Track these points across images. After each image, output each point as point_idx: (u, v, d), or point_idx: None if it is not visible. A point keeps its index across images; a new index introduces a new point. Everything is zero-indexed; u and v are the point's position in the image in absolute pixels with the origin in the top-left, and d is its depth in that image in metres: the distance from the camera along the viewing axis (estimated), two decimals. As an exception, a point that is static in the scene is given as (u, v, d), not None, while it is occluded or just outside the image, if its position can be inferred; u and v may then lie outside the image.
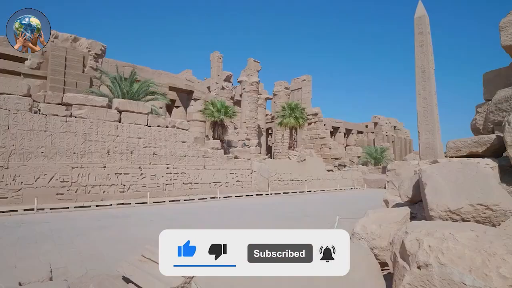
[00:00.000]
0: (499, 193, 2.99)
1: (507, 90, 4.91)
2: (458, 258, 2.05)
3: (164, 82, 27.46)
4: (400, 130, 59.73)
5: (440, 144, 11.06)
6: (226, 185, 21.40)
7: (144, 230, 9.21)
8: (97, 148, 15.53)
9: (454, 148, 5.16)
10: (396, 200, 4.93)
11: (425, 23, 11.77)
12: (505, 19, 5.25)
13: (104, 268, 5.17)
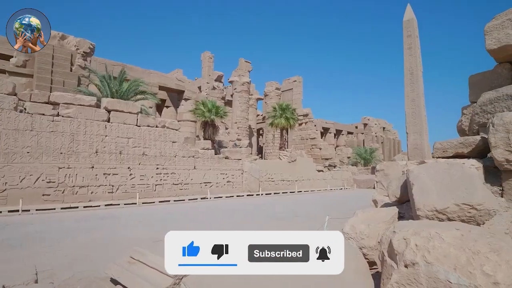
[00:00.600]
0: (483, 193, 3.06)
1: (492, 93, 5.04)
2: (444, 257, 2.09)
3: (154, 82, 27.19)
4: (389, 131, 60.62)
5: (428, 145, 11.28)
6: (216, 186, 21.32)
7: (133, 231, 9.10)
8: (85, 148, 15.26)
9: (441, 149, 5.27)
10: (384, 200, 5.00)
11: (413, 26, 11.99)
12: (490, 24, 5.39)
13: (92, 270, 5.08)
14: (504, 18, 5.17)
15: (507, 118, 3.93)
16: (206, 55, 39.40)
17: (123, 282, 2.87)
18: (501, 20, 5.20)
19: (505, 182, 4.13)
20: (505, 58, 5.34)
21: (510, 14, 5.12)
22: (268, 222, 11.04)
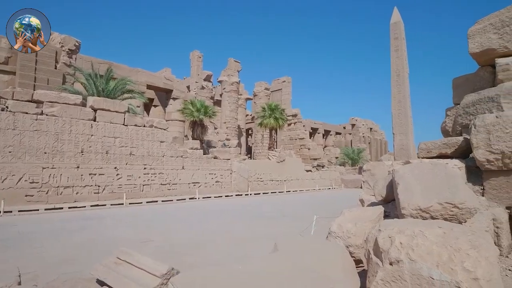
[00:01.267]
0: (465, 192, 3.16)
1: (474, 95, 5.20)
2: (427, 254, 2.15)
3: (142, 81, 26.83)
4: (376, 132, 61.61)
5: (413, 145, 11.52)
6: (205, 186, 21.21)
7: (120, 232, 8.96)
8: (70, 148, 14.93)
9: (425, 149, 5.40)
10: (371, 199, 5.08)
11: (400, 28, 12.23)
12: (473, 28, 5.55)
13: (78, 272, 4.98)
14: (486, 22, 5.34)
15: (488, 120, 4.06)
16: (195, 54, 39.12)
17: (110, 283, 2.83)
18: (483, 24, 5.37)
19: (486, 181, 4.26)
20: (487, 61, 5.51)
21: (492, 19, 5.29)
22: (257, 222, 11.05)
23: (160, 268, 2.68)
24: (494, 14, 5.28)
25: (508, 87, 4.61)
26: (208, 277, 2.08)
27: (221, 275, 2.11)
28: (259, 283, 1.98)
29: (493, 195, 4.18)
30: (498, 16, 5.18)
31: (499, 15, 5.18)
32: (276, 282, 2.01)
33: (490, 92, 4.85)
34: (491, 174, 4.19)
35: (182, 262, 5.66)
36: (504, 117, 3.93)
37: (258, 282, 2.00)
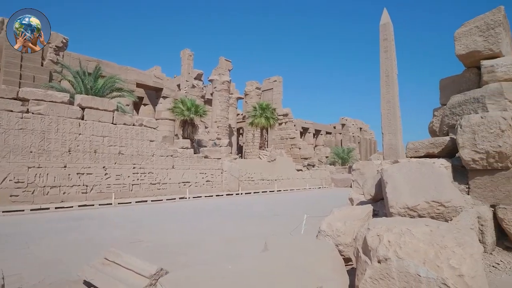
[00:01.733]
0: (451, 191, 3.22)
1: (460, 96, 5.31)
2: (414, 252, 2.18)
3: (131, 79, 26.49)
4: (366, 132, 62.35)
5: (402, 145, 11.70)
6: (195, 185, 21.08)
7: (108, 232, 8.83)
8: (57, 147, 14.63)
9: (413, 149, 5.49)
10: (360, 198, 5.14)
11: (389, 30, 12.39)
12: (459, 30, 5.67)
13: (64, 274, 4.88)
14: (472, 25, 5.45)
15: (474, 120, 4.16)
16: (186, 52, 38.79)
17: (97, 284, 2.78)
18: (469, 27, 5.48)
19: (471, 180, 4.36)
20: (473, 63, 5.63)
21: (477, 22, 5.41)
22: (247, 222, 11.05)
23: (149, 268, 2.65)
24: (480, 17, 5.40)
25: (493, 88, 4.73)
26: (197, 276, 2.06)
27: (210, 275, 2.10)
28: (249, 282, 1.98)
29: (478, 193, 4.29)
30: (483, 19, 5.30)
31: (484, 18, 5.30)
32: (265, 281, 2.01)
33: (476, 93, 4.96)
34: (476, 173, 4.29)
35: (172, 262, 5.62)
36: (489, 118, 4.03)
37: (248, 281, 1.99)
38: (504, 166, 4.00)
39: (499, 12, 5.21)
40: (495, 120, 3.95)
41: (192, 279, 2.04)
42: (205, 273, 2.12)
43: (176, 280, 2.01)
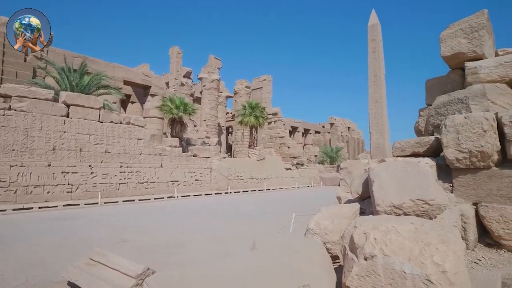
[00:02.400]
0: (435, 189, 3.30)
1: (445, 97, 5.42)
2: (399, 249, 2.22)
3: (119, 76, 26.04)
4: (354, 131, 63.15)
5: (389, 144, 11.91)
6: (184, 184, 20.92)
7: (94, 232, 8.68)
8: (40, 145, 14.26)
9: (399, 148, 5.58)
10: (348, 196, 5.20)
11: (377, 31, 12.56)
12: (445, 32, 5.79)
13: (48, 275, 4.76)
14: (457, 27, 5.58)
15: (457, 120, 4.26)
16: (175, 50, 38.39)
17: (81, 285, 2.73)
18: (454, 29, 5.61)
19: (455, 179, 4.47)
20: (457, 64, 5.76)
21: (462, 24, 5.53)
22: (236, 221, 11.04)
23: (135, 268, 2.61)
24: (464, 20, 5.52)
25: (476, 89, 4.85)
26: (184, 276, 2.05)
27: (198, 274, 2.08)
28: (236, 281, 1.98)
29: (461, 192, 4.39)
30: (468, 21, 5.43)
31: (469, 20, 5.43)
32: (253, 280, 2.01)
33: (460, 94, 5.07)
34: (460, 172, 4.39)
35: (159, 262, 5.56)
36: (472, 118, 4.13)
37: (235, 280, 1.99)
38: (486, 165, 4.11)
39: (482, 15, 5.34)
40: (478, 121, 4.06)
41: (179, 278, 2.02)
42: (192, 272, 2.10)
43: (163, 280, 1.99)
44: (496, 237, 4.04)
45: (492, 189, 4.09)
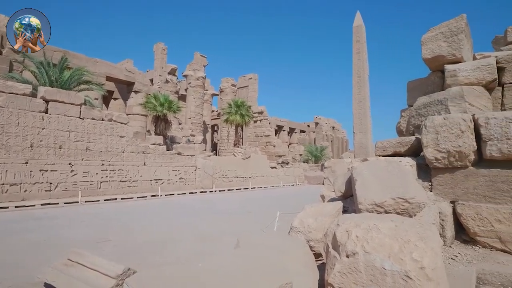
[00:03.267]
0: (415, 188, 3.38)
1: (426, 98, 5.57)
2: (380, 246, 2.27)
3: (101, 72, 25.36)
4: (338, 130, 64.11)
5: (372, 144, 12.14)
6: (168, 183, 20.65)
7: (74, 232, 8.43)
8: (17, 142, 13.71)
9: (382, 148, 5.70)
10: (331, 195, 5.27)
11: (362, 32, 12.77)
12: (426, 35, 5.94)
13: (24, 277, 4.59)
14: (438, 31, 5.74)
15: (437, 121, 4.38)
16: (159, 46, 37.74)
17: (59, 286, 2.64)
18: (435, 32, 5.76)
19: (434, 178, 4.61)
20: (438, 67, 5.93)
21: (442, 28, 5.69)
22: (221, 219, 10.99)
23: (115, 268, 2.55)
24: (445, 24, 5.69)
25: (455, 91, 5.01)
26: (166, 276, 2.01)
27: (179, 273, 2.05)
28: (218, 280, 1.96)
29: (439, 190, 4.53)
30: (448, 25, 5.59)
31: (449, 24, 5.59)
32: (235, 278, 2.00)
33: (439, 95, 5.23)
34: (439, 171, 4.53)
35: (141, 262, 5.47)
36: (450, 119, 4.27)
37: (217, 279, 1.97)
38: (463, 164, 4.26)
39: (461, 19, 5.52)
40: (456, 122, 4.20)
41: (160, 278, 1.99)
42: (174, 271, 2.07)
43: (144, 280, 1.95)
44: (472, 234, 4.20)
45: (469, 187, 4.24)
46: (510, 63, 5.09)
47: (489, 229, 4.03)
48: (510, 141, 3.86)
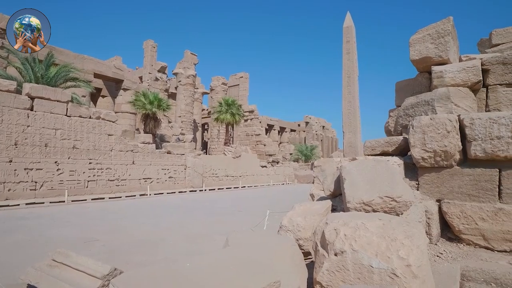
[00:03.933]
0: (402, 187, 3.43)
1: (413, 98, 5.66)
2: (368, 244, 2.29)
3: (89, 68, 24.89)
4: (328, 130, 64.63)
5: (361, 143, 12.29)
6: (157, 182, 20.44)
7: (59, 231, 8.26)
8: (1, 139, 13.34)
9: (370, 147, 5.76)
10: (320, 194, 5.30)
11: (351, 32, 12.89)
12: (414, 37, 6.04)
13: (5, 278, 4.47)
14: (425, 32, 5.83)
15: (424, 121, 4.46)
16: (149, 43, 37.27)
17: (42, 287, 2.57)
18: (423, 34, 5.86)
19: (421, 177, 4.69)
20: (425, 68, 6.03)
21: (429, 30, 5.79)
22: (211, 218, 10.94)
23: (101, 269, 2.50)
24: (432, 26, 5.79)
25: (441, 92, 5.10)
26: (153, 275, 1.98)
27: (167, 273, 2.03)
28: (206, 279, 1.95)
29: (426, 189, 4.62)
30: (435, 27, 5.69)
31: (436, 26, 5.69)
32: (223, 277, 1.99)
33: (427, 96, 5.32)
34: (425, 171, 4.61)
35: (128, 262, 5.39)
36: (437, 119, 4.34)
37: (205, 278, 1.96)
38: (448, 164, 4.34)
39: (448, 22, 5.63)
40: (442, 122, 4.28)
41: (148, 278, 1.96)
42: (162, 271, 2.04)
43: (130, 280, 1.91)
44: (457, 231, 4.29)
45: (454, 186, 4.33)
46: (494, 65, 5.21)
47: (473, 227, 4.12)
48: (494, 141, 3.95)
